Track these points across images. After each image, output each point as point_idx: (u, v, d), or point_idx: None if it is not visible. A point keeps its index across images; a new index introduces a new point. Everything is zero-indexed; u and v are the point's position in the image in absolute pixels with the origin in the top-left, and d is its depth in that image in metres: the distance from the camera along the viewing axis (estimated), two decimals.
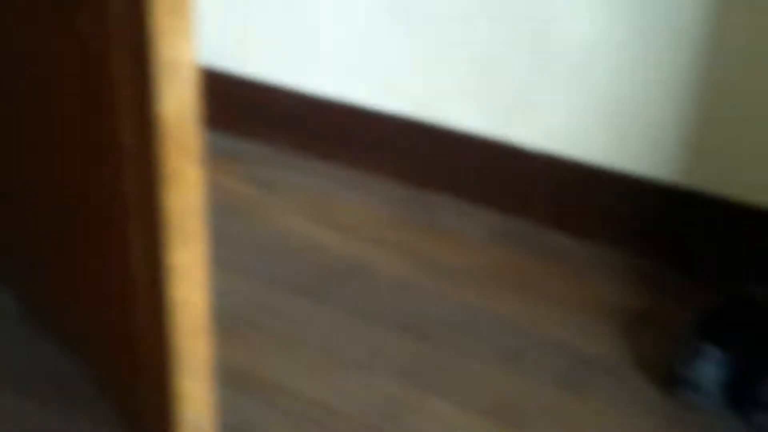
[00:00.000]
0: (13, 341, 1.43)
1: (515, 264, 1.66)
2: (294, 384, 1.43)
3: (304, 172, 1.93)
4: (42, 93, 1.20)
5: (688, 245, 1.63)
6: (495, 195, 1.79)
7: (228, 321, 1.55)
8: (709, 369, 1.34)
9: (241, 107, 2.05)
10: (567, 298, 1.58)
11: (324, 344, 1.51)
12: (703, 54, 1.54)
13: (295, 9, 1.92)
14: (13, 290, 1.54)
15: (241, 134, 2.06)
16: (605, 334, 1.51)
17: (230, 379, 1.43)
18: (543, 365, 1.45)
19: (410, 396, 1.40)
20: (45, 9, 1.13)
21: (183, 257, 1.06)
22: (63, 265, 1.33)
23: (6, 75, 1.29)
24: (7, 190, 1.44)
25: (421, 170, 1.86)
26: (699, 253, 1.62)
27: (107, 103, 1.06)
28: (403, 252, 1.70)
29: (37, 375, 1.37)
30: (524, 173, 1.75)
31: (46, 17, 1.13)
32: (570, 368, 1.45)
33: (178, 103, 0.98)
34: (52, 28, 1.12)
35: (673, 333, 1.50)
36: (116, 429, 1.28)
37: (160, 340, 1.12)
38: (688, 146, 1.59)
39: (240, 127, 2.06)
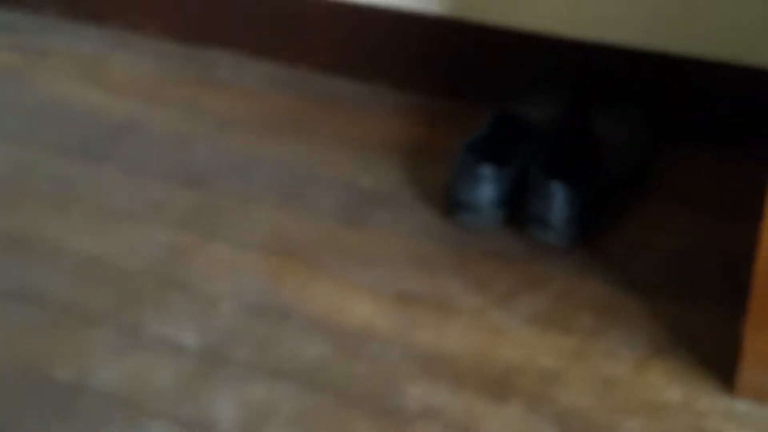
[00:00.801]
0: None
1: (293, 110, 1.65)
2: (72, 243, 1.39)
3: (75, 38, 1.85)
4: None
5: (458, 74, 1.65)
6: (271, 45, 1.76)
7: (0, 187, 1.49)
8: (484, 189, 1.37)
9: None
10: (346, 138, 1.58)
11: (101, 202, 1.47)
12: None
13: None
14: None
15: (4, 4, 1.96)
16: (385, 169, 1.52)
17: (5, 245, 1.39)
18: (324, 203, 1.46)
19: (191, 243, 1.39)
20: None
21: None
22: None
23: None
24: None
25: (195, 26, 1.81)
26: (469, 80, 1.64)
27: None
28: (179, 107, 1.66)
29: None
30: (297, 20, 1.72)
31: None
32: (351, 203, 1.46)
33: None
34: None
35: (450, 161, 1.52)
36: None
37: None
38: None
39: None
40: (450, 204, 1.40)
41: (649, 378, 1.17)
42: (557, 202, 1.33)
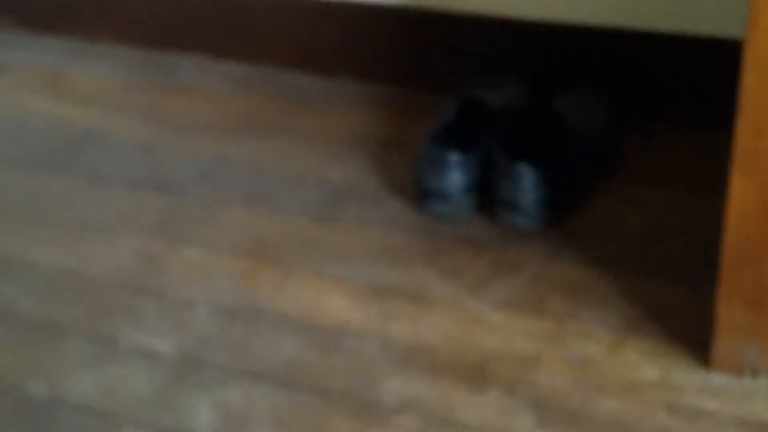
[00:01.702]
0: None
1: (258, 110, 1.64)
2: (41, 257, 1.38)
3: (32, 50, 1.84)
4: None
5: (421, 64, 1.64)
6: (231, 45, 1.75)
7: None
8: (452, 176, 1.37)
9: None
10: (313, 134, 1.58)
11: (66, 214, 1.46)
12: None
13: None
14: None
15: None
16: (355, 164, 1.51)
17: None
18: (293, 201, 1.45)
19: (160, 251, 1.38)
20: None
21: None
22: None
23: None
24: None
25: (154, 31, 1.80)
26: (432, 70, 1.64)
27: None
28: (142, 114, 1.65)
29: None
30: (258, 18, 1.71)
31: None
32: (321, 199, 1.45)
33: None
34: None
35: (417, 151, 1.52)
36: None
37: None
38: None
39: None
40: (419, 193, 1.40)
41: (624, 357, 1.17)
42: (526, 184, 1.32)
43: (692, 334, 1.18)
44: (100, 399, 1.18)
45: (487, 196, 1.39)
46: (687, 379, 1.14)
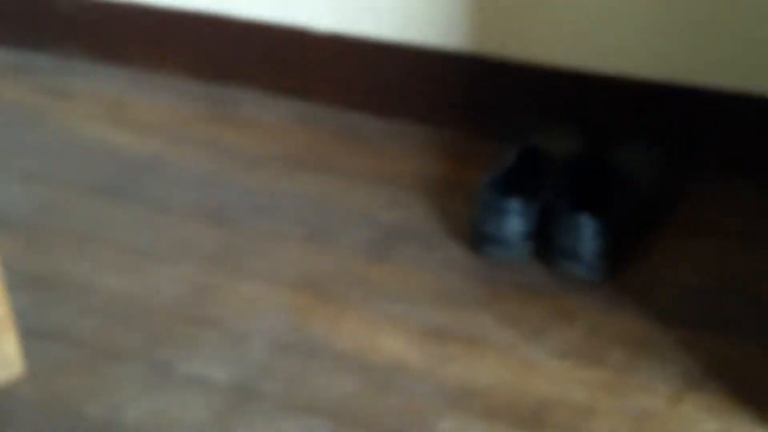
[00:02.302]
0: None
1: (317, 147, 1.66)
2: (99, 282, 1.39)
3: (97, 78, 1.87)
4: None
5: (479, 109, 1.66)
6: (292, 82, 1.77)
7: (26, 227, 1.49)
8: (511, 222, 1.38)
9: (22, 18, 1.96)
10: (370, 174, 1.59)
11: (127, 241, 1.47)
12: None
13: None
14: None
15: (25, 46, 1.97)
16: (411, 205, 1.52)
17: (33, 285, 1.39)
18: (349, 238, 1.46)
19: (218, 282, 1.39)
20: None
21: None
22: None
23: None
24: None
25: (215, 64, 1.82)
26: (490, 115, 1.65)
27: None
28: (201, 145, 1.67)
29: None
30: (317, 56, 1.73)
31: None
32: (377, 239, 1.46)
33: None
34: None
35: (475, 196, 1.52)
36: None
37: None
38: (471, 13, 1.61)
39: (24, 39, 1.97)
40: (477, 238, 1.40)
41: (683, 411, 1.16)
42: (586, 234, 1.33)
43: (753, 391, 1.17)
44: (154, 424, 1.18)
45: (544, 243, 1.39)
46: None
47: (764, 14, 1.44)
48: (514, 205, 1.37)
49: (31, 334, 1.30)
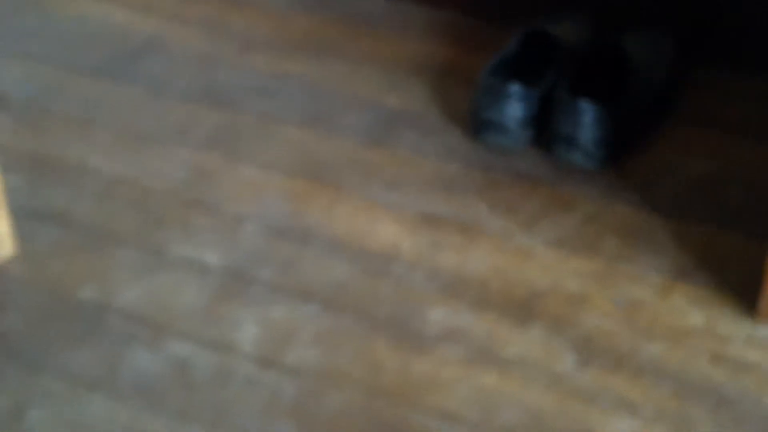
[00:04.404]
0: None
1: (320, 31, 1.63)
2: (97, 164, 1.39)
3: None
4: None
5: None
6: None
7: (23, 108, 1.49)
8: (512, 108, 1.35)
9: None
10: (373, 57, 1.56)
11: (125, 122, 1.46)
12: None
13: None
14: None
15: None
16: (413, 89, 1.50)
17: (29, 166, 1.39)
18: (349, 123, 1.44)
19: (214, 166, 1.38)
20: None
21: None
22: None
23: None
24: None
25: None
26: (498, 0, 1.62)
27: None
28: (202, 26, 1.64)
29: None
30: None
31: None
32: (377, 123, 1.44)
33: None
34: None
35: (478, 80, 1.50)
36: None
37: None
38: None
39: None
40: (476, 124, 1.38)
41: (672, 302, 1.16)
42: (586, 121, 1.30)
43: (742, 285, 1.17)
44: (148, 307, 1.19)
45: (545, 131, 1.37)
46: (733, 329, 1.13)
47: None
48: (514, 89, 1.34)
49: (24, 215, 1.31)
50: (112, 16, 1.68)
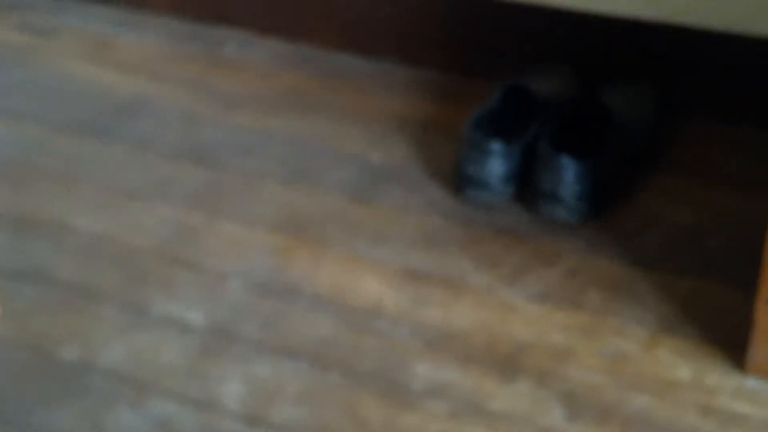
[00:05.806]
0: None
1: (301, 87, 1.64)
2: (80, 222, 1.39)
3: (82, 16, 1.84)
4: None
5: (467, 50, 1.63)
6: (278, 22, 1.75)
7: (5, 165, 1.49)
8: (493, 164, 1.36)
9: None
10: (355, 114, 1.57)
11: (109, 180, 1.46)
12: None
13: None
14: None
15: None
16: (395, 145, 1.51)
17: (13, 225, 1.38)
18: (332, 179, 1.45)
19: (199, 221, 1.38)
20: None
21: None
22: None
23: None
24: None
25: (201, 3, 1.80)
26: (478, 55, 1.62)
27: None
28: (186, 85, 1.65)
29: None
30: None
31: None
32: (359, 179, 1.45)
33: None
34: None
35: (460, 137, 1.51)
36: None
37: None
38: None
39: None
40: (459, 180, 1.39)
41: (658, 355, 1.16)
42: (567, 176, 1.31)
43: (729, 336, 1.17)
44: (130, 366, 1.18)
45: (527, 186, 1.38)
46: (721, 381, 1.13)
47: None
48: (496, 146, 1.35)
49: (6, 273, 1.30)
50: (98, 75, 1.69)
